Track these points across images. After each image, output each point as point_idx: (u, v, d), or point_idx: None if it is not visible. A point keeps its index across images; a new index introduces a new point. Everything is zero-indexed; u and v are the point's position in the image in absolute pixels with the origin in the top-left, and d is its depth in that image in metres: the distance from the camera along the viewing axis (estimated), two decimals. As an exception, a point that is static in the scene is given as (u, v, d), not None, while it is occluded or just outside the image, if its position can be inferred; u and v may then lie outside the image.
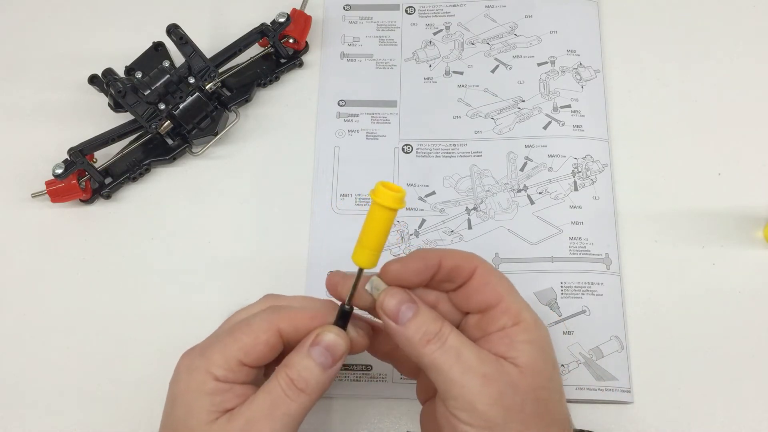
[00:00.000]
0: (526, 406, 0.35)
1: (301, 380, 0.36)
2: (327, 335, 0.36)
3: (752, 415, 0.47)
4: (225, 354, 0.36)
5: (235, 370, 0.36)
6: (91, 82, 0.56)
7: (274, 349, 0.37)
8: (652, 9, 0.59)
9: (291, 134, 0.56)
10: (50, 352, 0.50)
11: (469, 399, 0.34)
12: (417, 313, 0.36)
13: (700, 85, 0.57)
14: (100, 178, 0.54)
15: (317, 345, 0.36)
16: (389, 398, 0.48)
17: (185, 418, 0.36)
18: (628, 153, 0.54)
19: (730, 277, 0.50)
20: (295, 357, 0.36)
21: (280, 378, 0.36)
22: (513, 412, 0.34)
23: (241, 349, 0.36)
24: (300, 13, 0.58)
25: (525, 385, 0.35)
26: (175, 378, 0.37)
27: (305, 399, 0.36)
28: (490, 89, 0.57)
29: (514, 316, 0.37)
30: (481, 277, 0.38)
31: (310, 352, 0.36)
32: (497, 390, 0.34)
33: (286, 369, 0.36)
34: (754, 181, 0.53)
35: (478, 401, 0.34)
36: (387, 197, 0.35)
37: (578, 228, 0.51)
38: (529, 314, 0.37)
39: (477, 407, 0.34)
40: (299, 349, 0.37)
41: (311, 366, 0.36)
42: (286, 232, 0.53)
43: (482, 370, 0.35)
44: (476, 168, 0.54)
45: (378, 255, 0.37)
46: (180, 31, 0.52)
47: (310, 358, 0.36)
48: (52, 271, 0.52)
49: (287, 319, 0.37)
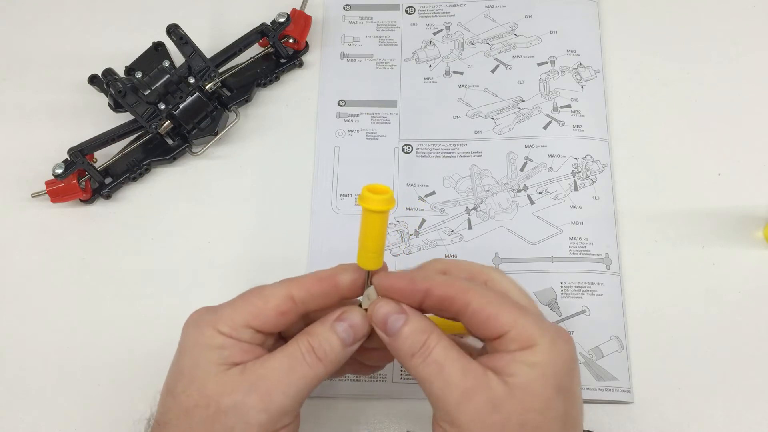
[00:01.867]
0: (509, 427, 0.33)
1: (321, 349, 0.36)
2: (353, 314, 0.37)
3: (752, 415, 0.47)
4: (234, 314, 0.37)
5: (241, 331, 0.36)
6: (91, 82, 0.56)
7: (285, 316, 0.37)
8: (652, 9, 0.60)
9: (291, 134, 0.56)
10: (50, 351, 0.50)
11: (449, 412, 0.34)
12: (405, 324, 0.36)
13: (700, 85, 0.57)
14: (100, 178, 0.54)
15: (342, 321, 0.37)
16: (389, 398, 0.48)
17: (191, 369, 0.36)
18: (628, 153, 0.54)
19: (730, 277, 0.50)
20: (319, 327, 0.37)
21: (301, 343, 0.36)
22: (494, 430, 0.33)
23: (251, 312, 0.37)
24: (300, 13, 0.58)
25: (510, 405, 0.34)
26: (183, 332, 0.38)
27: (321, 369, 0.36)
28: (490, 89, 0.57)
29: (525, 341, 0.35)
30: (479, 313, 0.35)
31: (334, 325, 0.37)
32: (476, 406, 0.34)
33: (308, 336, 0.37)
34: (754, 181, 0.53)
35: (458, 415, 0.34)
36: (374, 201, 0.35)
37: (578, 228, 0.51)
38: (545, 338, 0.35)
39: (457, 421, 0.34)
40: (324, 321, 0.37)
41: (333, 339, 0.37)
42: (286, 232, 0.53)
43: (463, 385, 0.34)
44: (476, 168, 0.54)
45: (381, 255, 0.37)
46: (180, 31, 0.52)
47: (333, 332, 0.37)
48: (52, 271, 0.52)
49: (298, 283, 0.38)
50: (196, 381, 0.35)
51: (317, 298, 0.38)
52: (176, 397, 0.36)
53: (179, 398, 0.36)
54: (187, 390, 0.36)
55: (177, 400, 0.36)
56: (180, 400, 0.36)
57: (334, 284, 0.38)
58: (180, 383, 0.36)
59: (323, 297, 0.38)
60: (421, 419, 0.47)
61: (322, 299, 0.38)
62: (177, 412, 0.36)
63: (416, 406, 0.46)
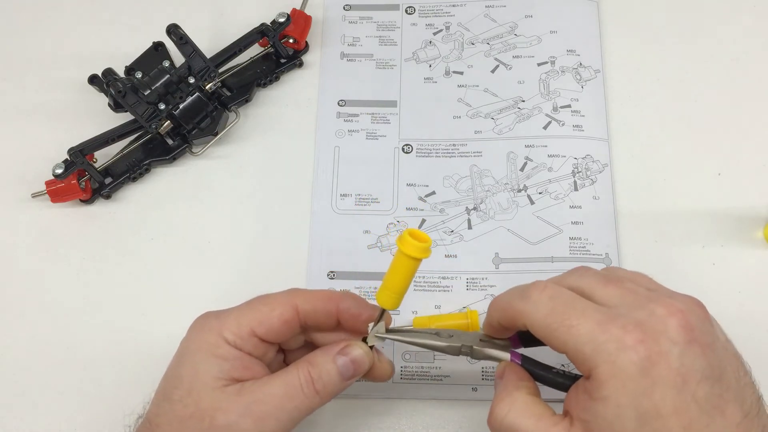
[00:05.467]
0: None
1: (320, 382, 0.36)
2: (356, 349, 0.37)
3: (752, 415, 0.47)
4: (239, 321, 0.37)
5: (246, 339, 0.36)
6: (91, 82, 0.55)
7: (289, 326, 0.37)
8: (652, 9, 0.59)
9: (291, 134, 0.56)
10: (50, 351, 0.50)
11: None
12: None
13: (700, 85, 0.57)
14: (100, 178, 0.54)
15: (344, 355, 0.37)
16: (389, 398, 0.48)
17: (191, 379, 0.36)
18: (628, 153, 0.54)
19: (730, 277, 0.50)
20: (320, 357, 0.37)
21: (301, 372, 0.36)
22: None
23: (256, 318, 0.37)
24: (300, 13, 0.58)
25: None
26: (186, 336, 0.38)
27: (317, 401, 0.36)
28: (490, 89, 0.57)
29: (584, 368, 0.30)
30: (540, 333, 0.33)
31: (336, 358, 0.37)
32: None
33: (309, 366, 0.37)
34: (754, 181, 0.53)
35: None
36: (412, 247, 0.36)
37: (578, 228, 0.51)
38: (602, 355, 0.29)
39: None
40: (326, 351, 0.37)
41: (333, 372, 0.37)
42: (286, 232, 0.53)
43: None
44: (476, 168, 0.54)
45: (401, 298, 0.38)
46: (180, 31, 0.52)
47: (334, 364, 0.37)
48: (52, 271, 0.52)
49: (303, 296, 0.38)
50: (193, 392, 0.36)
51: (320, 316, 0.38)
52: (173, 403, 0.36)
53: (175, 405, 0.36)
54: (184, 399, 0.36)
55: (173, 407, 0.36)
56: (176, 407, 0.36)
57: (337, 308, 0.38)
58: (178, 390, 0.36)
59: (325, 316, 0.38)
60: (420, 419, 0.47)
61: (324, 318, 0.38)
62: (170, 418, 0.36)
63: (416, 406, 0.46)
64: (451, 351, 0.39)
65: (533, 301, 0.34)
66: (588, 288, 0.35)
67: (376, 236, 0.52)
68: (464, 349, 0.39)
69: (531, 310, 0.34)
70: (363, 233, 0.52)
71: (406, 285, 0.38)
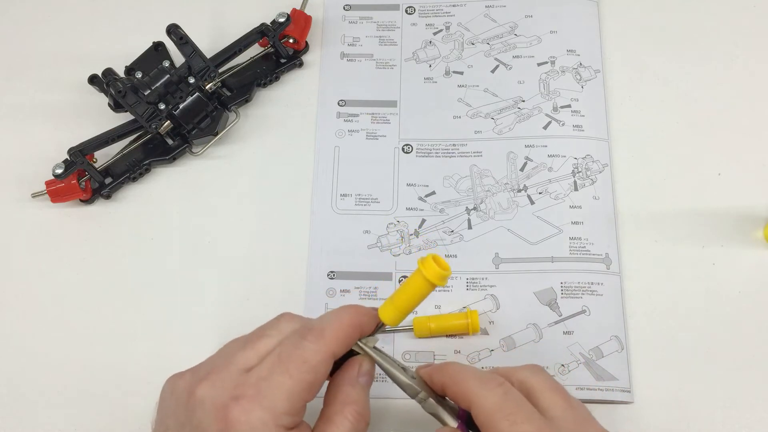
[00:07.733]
0: None
1: (366, 412, 0.37)
2: (366, 364, 0.39)
3: (752, 415, 0.47)
4: (291, 398, 0.35)
5: (300, 410, 0.36)
6: (91, 82, 0.56)
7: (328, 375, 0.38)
8: (652, 9, 0.59)
9: (291, 134, 0.56)
10: (50, 352, 0.50)
11: None
12: None
13: (700, 85, 0.57)
14: (100, 178, 0.54)
15: (364, 375, 0.38)
16: (389, 398, 0.48)
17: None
18: (628, 153, 0.54)
19: (730, 277, 0.50)
20: (354, 391, 0.37)
21: (348, 415, 0.36)
22: None
23: (304, 389, 0.35)
24: (300, 13, 0.58)
25: None
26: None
27: (364, 425, 0.37)
28: (490, 89, 0.57)
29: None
30: None
31: (359, 381, 0.38)
32: None
33: (354, 406, 0.37)
34: (754, 181, 0.53)
35: None
36: (432, 272, 0.36)
37: (578, 228, 0.51)
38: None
39: None
40: (353, 383, 0.38)
41: (364, 395, 0.38)
42: (286, 232, 0.53)
43: None
44: (476, 168, 0.54)
45: (403, 318, 0.39)
46: (180, 31, 0.52)
47: (364, 391, 0.38)
48: (52, 271, 0.52)
49: (336, 340, 0.37)
50: None
51: (349, 347, 0.38)
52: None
53: None
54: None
55: None
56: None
57: (363, 331, 0.39)
58: None
59: (353, 342, 0.39)
60: (420, 419, 0.47)
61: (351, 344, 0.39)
62: None
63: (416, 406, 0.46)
64: (410, 391, 0.39)
65: (488, 388, 0.36)
66: (538, 387, 0.38)
67: (376, 236, 0.52)
68: (421, 395, 0.39)
69: (483, 395, 0.36)
70: (363, 233, 0.52)
71: (413, 306, 0.38)
